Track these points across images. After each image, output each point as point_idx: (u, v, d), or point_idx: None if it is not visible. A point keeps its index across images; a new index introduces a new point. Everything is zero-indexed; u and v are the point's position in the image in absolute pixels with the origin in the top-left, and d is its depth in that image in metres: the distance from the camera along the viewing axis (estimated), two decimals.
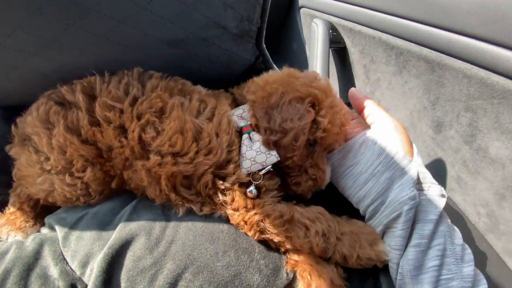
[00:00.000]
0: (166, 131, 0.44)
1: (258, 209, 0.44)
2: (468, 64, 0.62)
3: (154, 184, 0.45)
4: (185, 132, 0.45)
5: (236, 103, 0.54)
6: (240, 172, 0.46)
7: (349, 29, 1.01)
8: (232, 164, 0.46)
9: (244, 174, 0.46)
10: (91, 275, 0.40)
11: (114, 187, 0.49)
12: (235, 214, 0.45)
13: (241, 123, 0.49)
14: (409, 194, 0.42)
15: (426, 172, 0.47)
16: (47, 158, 0.46)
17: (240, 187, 0.45)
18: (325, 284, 0.41)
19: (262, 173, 0.46)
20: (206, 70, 0.59)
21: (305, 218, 0.44)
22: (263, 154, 0.46)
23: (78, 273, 0.41)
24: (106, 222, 0.46)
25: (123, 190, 0.51)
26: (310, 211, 0.46)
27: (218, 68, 0.60)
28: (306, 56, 1.28)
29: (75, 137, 0.45)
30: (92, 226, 0.45)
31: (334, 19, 1.07)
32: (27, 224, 0.52)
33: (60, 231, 0.45)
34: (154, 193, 0.46)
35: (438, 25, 0.67)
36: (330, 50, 1.06)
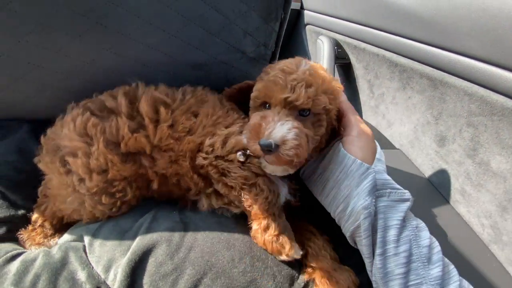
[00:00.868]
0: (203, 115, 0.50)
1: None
2: (468, 82, 0.65)
3: (191, 172, 0.50)
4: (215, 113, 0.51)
5: None
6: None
7: (353, 46, 1.05)
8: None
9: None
10: (115, 280, 0.42)
11: (155, 188, 0.52)
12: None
13: None
14: (363, 203, 0.42)
15: (388, 178, 0.46)
16: (82, 180, 0.48)
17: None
18: None
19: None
20: (222, 88, 0.63)
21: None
22: None
23: (103, 277, 0.43)
24: (126, 229, 0.48)
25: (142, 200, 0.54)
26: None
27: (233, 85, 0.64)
28: None
29: (115, 155, 0.47)
30: (113, 233, 0.47)
31: (339, 37, 1.11)
32: (45, 240, 0.53)
33: (85, 238, 0.48)
34: (189, 181, 0.51)
35: (439, 45, 0.71)
36: (335, 65, 1.11)
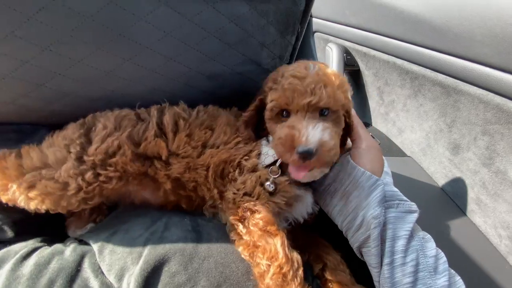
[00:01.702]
0: (218, 125, 0.53)
1: (260, 200, 0.47)
2: (484, 90, 0.65)
3: (204, 180, 0.51)
4: (230, 124, 0.53)
5: None
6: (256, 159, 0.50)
7: (363, 53, 1.05)
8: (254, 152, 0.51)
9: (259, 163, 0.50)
10: None
11: (169, 187, 0.53)
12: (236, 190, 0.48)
13: None
14: (373, 213, 0.44)
15: (395, 190, 0.48)
16: (87, 144, 0.49)
17: (254, 173, 0.49)
18: None
19: (277, 164, 0.49)
20: (235, 97, 0.64)
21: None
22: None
23: (116, 286, 0.43)
24: (137, 237, 0.48)
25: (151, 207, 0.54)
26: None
27: (246, 95, 0.64)
28: None
29: (130, 150, 0.49)
30: (124, 240, 0.47)
31: (348, 44, 1.12)
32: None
33: (94, 246, 0.47)
34: (206, 192, 0.52)
35: (452, 53, 0.71)
36: (344, 72, 1.11)
